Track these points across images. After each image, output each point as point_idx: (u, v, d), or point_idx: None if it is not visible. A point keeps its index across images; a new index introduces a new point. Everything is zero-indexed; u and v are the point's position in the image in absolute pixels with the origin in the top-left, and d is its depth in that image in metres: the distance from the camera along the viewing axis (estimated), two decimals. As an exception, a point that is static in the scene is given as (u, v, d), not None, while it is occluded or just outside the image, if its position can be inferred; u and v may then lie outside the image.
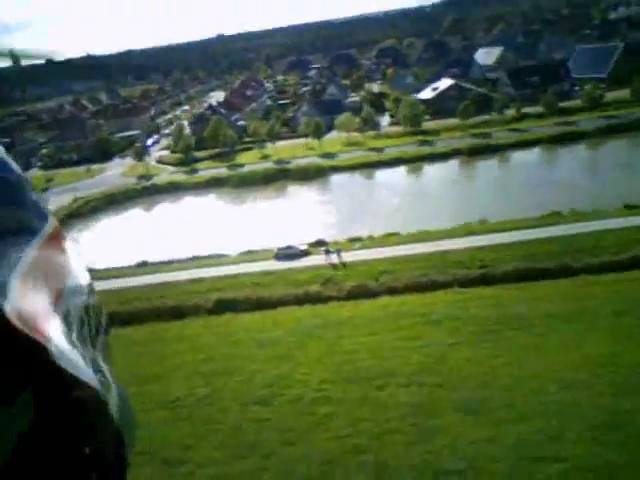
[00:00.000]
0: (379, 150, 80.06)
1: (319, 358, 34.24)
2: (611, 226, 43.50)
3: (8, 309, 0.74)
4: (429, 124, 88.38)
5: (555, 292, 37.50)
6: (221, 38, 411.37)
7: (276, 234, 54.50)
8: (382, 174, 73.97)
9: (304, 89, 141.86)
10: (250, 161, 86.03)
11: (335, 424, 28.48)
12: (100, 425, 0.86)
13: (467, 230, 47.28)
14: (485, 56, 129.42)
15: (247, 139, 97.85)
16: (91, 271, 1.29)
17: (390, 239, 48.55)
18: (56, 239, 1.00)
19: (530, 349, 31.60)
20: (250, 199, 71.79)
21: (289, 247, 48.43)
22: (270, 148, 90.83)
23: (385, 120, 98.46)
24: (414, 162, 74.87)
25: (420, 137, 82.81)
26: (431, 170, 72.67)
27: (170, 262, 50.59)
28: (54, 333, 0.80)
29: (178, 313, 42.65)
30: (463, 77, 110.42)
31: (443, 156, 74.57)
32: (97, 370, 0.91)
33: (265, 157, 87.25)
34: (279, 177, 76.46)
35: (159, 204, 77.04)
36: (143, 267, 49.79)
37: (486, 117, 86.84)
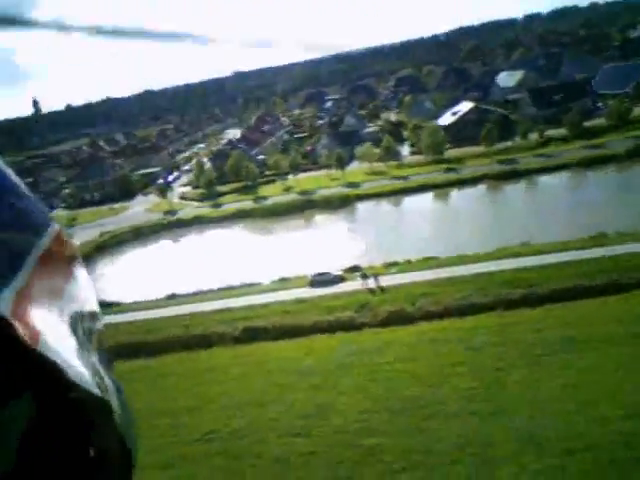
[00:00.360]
0: (404, 178, 78.89)
1: (359, 387, 32.46)
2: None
3: (7, 312, 0.74)
4: (451, 152, 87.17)
5: (603, 311, 35.52)
6: (238, 74, 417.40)
7: (307, 262, 53.24)
8: (409, 201, 72.74)
9: (320, 122, 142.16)
10: (274, 193, 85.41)
11: (386, 457, 26.66)
12: (101, 428, 0.87)
13: (509, 252, 45.55)
14: (507, 79, 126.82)
15: (267, 172, 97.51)
16: (120, 304, 1.09)
17: (428, 263, 46.97)
18: (58, 243, 1.01)
19: (586, 373, 29.59)
20: (277, 229, 70.75)
21: (324, 273, 47.00)
22: (292, 180, 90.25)
23: (405, 149, 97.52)
24: (441, 188, 73.50)
25: (444, 165, 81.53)
26: (459, 196, 71.25)
27: (200, 293, 49.30)
28: (53, 337, 0.81)
29: (205, 342, 41.21)
30: (483, 100, 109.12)
31: (470, 182, 73.18)
32: (96, 373, 0.91)
33: (288, 189, 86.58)
34: (305, 207, 75.56)
35: (186, 236, 76.34)
36: (172, 299, 48.40)
37: (509, 143, 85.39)
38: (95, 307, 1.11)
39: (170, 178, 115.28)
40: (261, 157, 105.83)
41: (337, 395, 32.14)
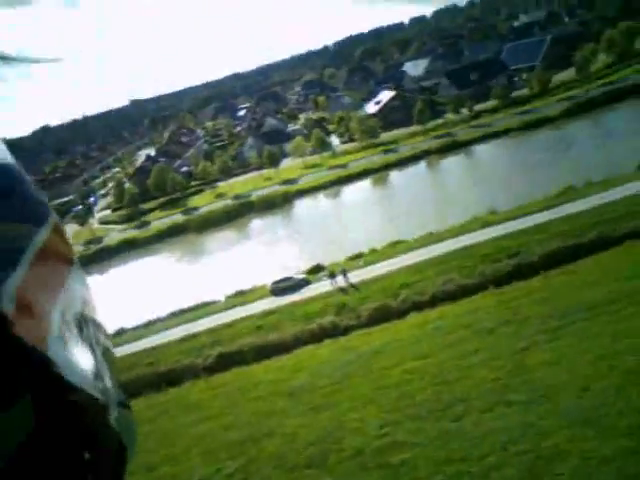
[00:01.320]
0: (343, 166, 75.30)
1: (367, 398, 28.18)
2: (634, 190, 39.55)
3: (6, 312, 0.73)
4: (384, 136, 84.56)
5: (606, 267, 32.86)
6: (136, 103, 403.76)
7: (259, 270, 48.57)
8: (354, 188, 69.15)
9: (239, 129, 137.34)
10: (205, 202, 79.72)
11: (420, 473, 22.57)
12: (99, 431, 0.88)
13: (479, 223, 42.51)
14: (414, 68, 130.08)
15: (194, 183, 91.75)
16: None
17: (395, 248, 43.27)
18: (57, 238, 0.99)
19: (618, 339, 26.51)
20: (217, 239, 65.36)
21: (285, 279, 42.41)
22: (223, 186, 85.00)
23: (334, 141, 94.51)
24: (384, 170, 70.48)
25: (381, 148, 78.70)
26: (403, 176, 68.27)
27: (152, 323, 43.52)
28: (53, 337, 0.80)
29: (175, 378, 35.79)
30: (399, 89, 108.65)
31: (412, 159, 70.58)
32: (97, 376, 0.92)
33: (220, 195, 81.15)
34: (242, 211, 70.35)
35: (116, 264, 69.44)
36: (122, 335, 42.31)
37: (440, 121, 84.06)
38: (94, 304, 1.05)
39: (89, 202, 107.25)
40: (185, 169, 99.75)
41: (344, 412, 27.71)
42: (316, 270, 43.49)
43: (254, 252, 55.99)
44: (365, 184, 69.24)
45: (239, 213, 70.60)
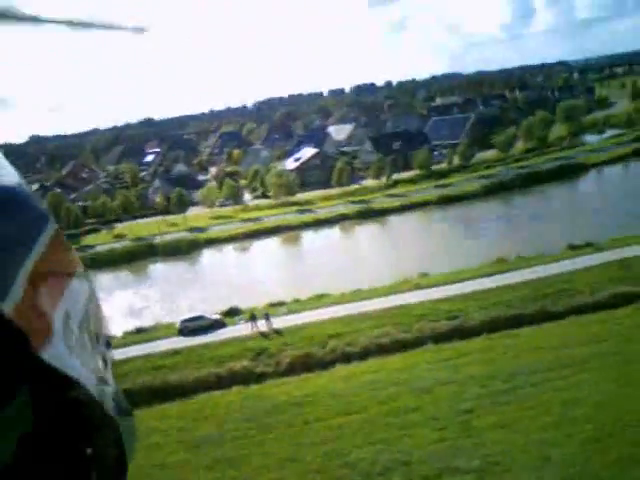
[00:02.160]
0: (255, 220, 71.88)
1: (287, 455, 23.90)
2: (568, 268, 39.03)
3: (8, 311, 0.73)
4: (300, 195, 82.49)
5: (551, 335, 31.16)
6: (35, 139, 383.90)
7: (161, 309, 43.61)
8: (266, 243, 65.64)
9: (144, 173, 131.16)
10: (102, 241, 72.59)
11: None
12: (98, 427, 0.86)
13: (410, 285, 40.21)
14: (337, 133, 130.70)
15: (90, 221, 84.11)
16: None
17: (321, 300, 39.89)
18: (57, 242, 1.00)
19: (569, 405, 24.21)
20: (113, 279, 58.99)
21: (197, 318, 37.70)
22: (122, 227, 78.56)
23: (245, 196, 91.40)
24: (297, 229, 67.74)
25: (295, 207, 76.28)
26: (320, 236, 65.83)
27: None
28: (53, 336, 0.80)
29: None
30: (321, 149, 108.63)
31: (328, 222, 68.41)
32: (95, 373, 0.91)
33: (119, 236, 74.40)
34: (144, 255, 64.40)
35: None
36: None
37: (358, 185, 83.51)
38: (97, 305, 1.08)
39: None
40: (81, 203, 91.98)
41: (259, 471, 23.27)
42: (232, 312, 39.12)
43: (156, 293, 50.63)
44: (278, 240, 66.00)
45: (139, 256, 64.66)
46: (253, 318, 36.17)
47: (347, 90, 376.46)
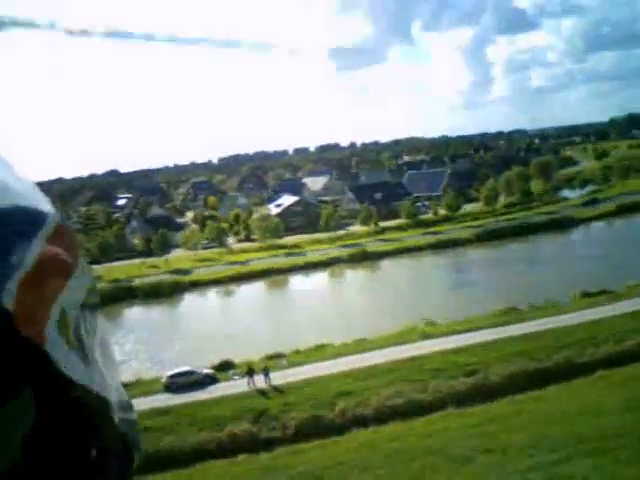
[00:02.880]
0: (242, 263, 68.32)
1: None
2: (587, 317, 36.44)
3: (7, 308, 0.74)
4: (286, 239, 79.51)
5: (583, 397, 28.08)
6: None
7: (143, 361, 39.65)
8: (255, 287, 62.00)
9: (118, 215, 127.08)
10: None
11: None
12: (103, 428, 0.88)
13: (417, 334, 37.02)
14: (313, 183, 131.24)
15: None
16: None
17: (323, 352, 36.36)
18: (59, 235, 0.97)
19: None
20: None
21: (187, 372, 33.80)
22: (101, 269, 74.12)
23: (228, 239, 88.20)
24: (288, 272, 64.45)
25: (285, 250, 73.16)
26: (313, 279, 62.54)
27: None
28: (53, 333, 0.81)
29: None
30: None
31: (320, 265, 65.38)
32: (97, 372, 0.91)
33: (96, 278, 69.77)
34: (123, 298, 59.98)
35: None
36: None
37: (343, 231, 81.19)
38: (98, 302, 1.01)
39: None
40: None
41: None
42: (225, 366, 35.32)
43: (136, 342, 46.40)
44: (267, 284, 62.50)
45: (117, 299, 60.27)
46: (250, 373, 32.45)
47: (312, 149, 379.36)
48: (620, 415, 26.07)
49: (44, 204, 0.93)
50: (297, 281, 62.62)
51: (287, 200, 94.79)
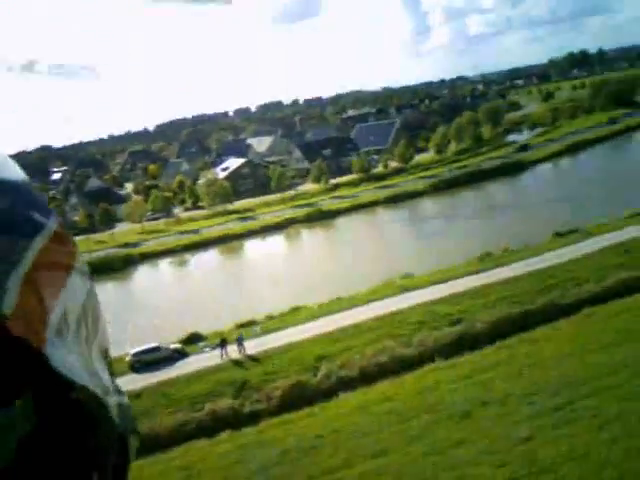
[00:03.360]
0: (194, 232, 65.31)
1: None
2: (565, 257, 35.73)
3: (6, 311, 0.74)
4: (236, 203, 76.70)
5: (576, 336, 27.30)
6: None
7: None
8: (211, 255, 59.36)
9: (53, 192, 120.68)
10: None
11: None
12: (100, 429, 0.89)
13: (396, 288, 35.59)
14: (258, 144, 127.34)
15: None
16: None
17: (297, 315, 34.51)
18: (58, 238, 0.98)
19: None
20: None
21: (153, 349, 31.46)
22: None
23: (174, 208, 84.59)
24: (244, 238, 62.02)
25: (236, 215, 70.45)
26: (271, 243, 60.30)
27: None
28: (53, 336, 0.81)
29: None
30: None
31: (275, 227, 63.14)
32: (96, 373, 0.93)
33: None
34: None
35: None
36: None
37: (296, 190, 78.94)
38: (96, 304, 1.02)
39: None
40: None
41: None
42: (193, 339, 33.06)
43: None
44: (224, 251, 59.93)
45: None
46: (223, 344, 30.34)
47: (253, 109, 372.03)
48: (612, 351, 25.43)
49: (42, 207, 0.93)
50: (255, 245, 60.27)
51: (233, 163, 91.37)
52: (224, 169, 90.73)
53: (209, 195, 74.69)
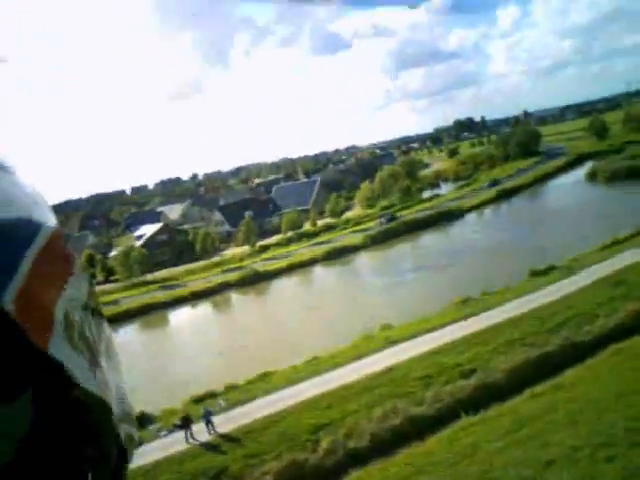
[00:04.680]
0: (112, 304, 57.53)
1: None
2: (554, 295, 32.33)
3: (8, 309, 0.73)
4: (156, 274, 69.60)
5: (619, 374, 23.26)
6: None
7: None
8: (136, 328, 51.91)
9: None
10: None
11: None
12: (100, 427, 0.89)
13: (380, 341, 30.60)
14: (169, 211, 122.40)
15: None
16: None
17: (270, 381, 28.49)
18: (58, 240, 1.00)
19: None
20: None
21: None
22: None
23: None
24: (168, 307, 55.19)
25: (157, 285, 63.37)
26: (207, 309, 53.72)
27: None
28: (55, 336, 0.80)
29: None
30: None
31: (205, 294, 56.75)
32: (98, 373, 0.94)
33: None
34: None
35: None
36: None
37: (220, 256, 73.17)
38: (97, 304, 1.05)
39: None
40: None
41: None
42: (140, 421, 26.16)
43: None
44: (148, 323, 52.66)
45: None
46: (186, 423, 23.88)
47: (151, 186, 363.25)
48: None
49: (42, 208, 0.93)
50: (185, 314, 53.46)
51: (148, 230, 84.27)
52: (138, 237, 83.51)
53: (125, 266, 67.12)
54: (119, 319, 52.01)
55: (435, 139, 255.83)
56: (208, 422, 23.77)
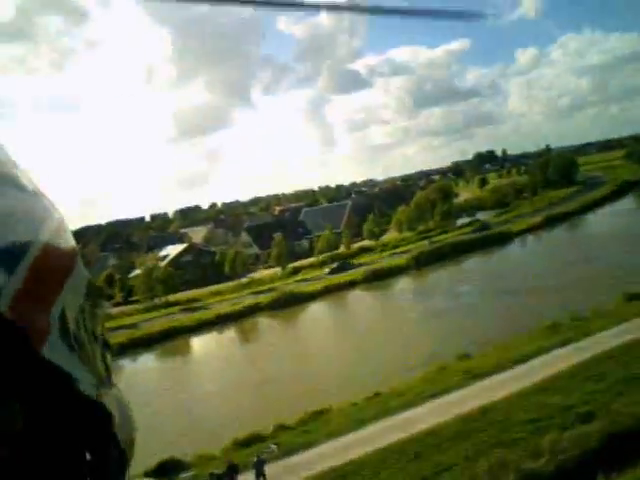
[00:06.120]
0: (131, 327, 52.63)
1: None
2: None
3: (5, 309, 0.71)
4: (179, 295, 64.83)
5: None
6: None
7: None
8: (158, 355, 46.81)
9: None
10: None
11: None
12: (98, 429, 0.89)
13: (459, 374, 25.14)
14: (193, 234, 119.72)
15: None
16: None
17: (326, 422, 23.05)
18: (58, 240, 1.00)
19: None
20: None
21: None
22: None
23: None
24: (194, 331, 50.16)
25: (181, 306, 58.54)
26: (235, 335, 48.61)
27: None
28: (52, 336, 0.77)
29: None
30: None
31: (235, 316, 51.86)
32: (94, 371, 0.93)
33: None
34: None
35: None
36: None
37: (247, 279, 68.39)
38: (95, 304, 1.13)
39: None
40: None
41: None
42: (169, 468, 20.97)
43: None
44: (169, 350, 47.47)
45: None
46: (231, 472, 18.61)
47: (170, 214, 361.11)
48: None
49: (42, 208, 0.88)
50: (210, 341, 48.22)
51: (173, 250, 79.78)
52: (163, 257, 79.01)
53: (147, 285, 62.33)
54: (137, 344, 47.00)
55: (456, 171, 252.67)
56: (260, 474, 18.46)
